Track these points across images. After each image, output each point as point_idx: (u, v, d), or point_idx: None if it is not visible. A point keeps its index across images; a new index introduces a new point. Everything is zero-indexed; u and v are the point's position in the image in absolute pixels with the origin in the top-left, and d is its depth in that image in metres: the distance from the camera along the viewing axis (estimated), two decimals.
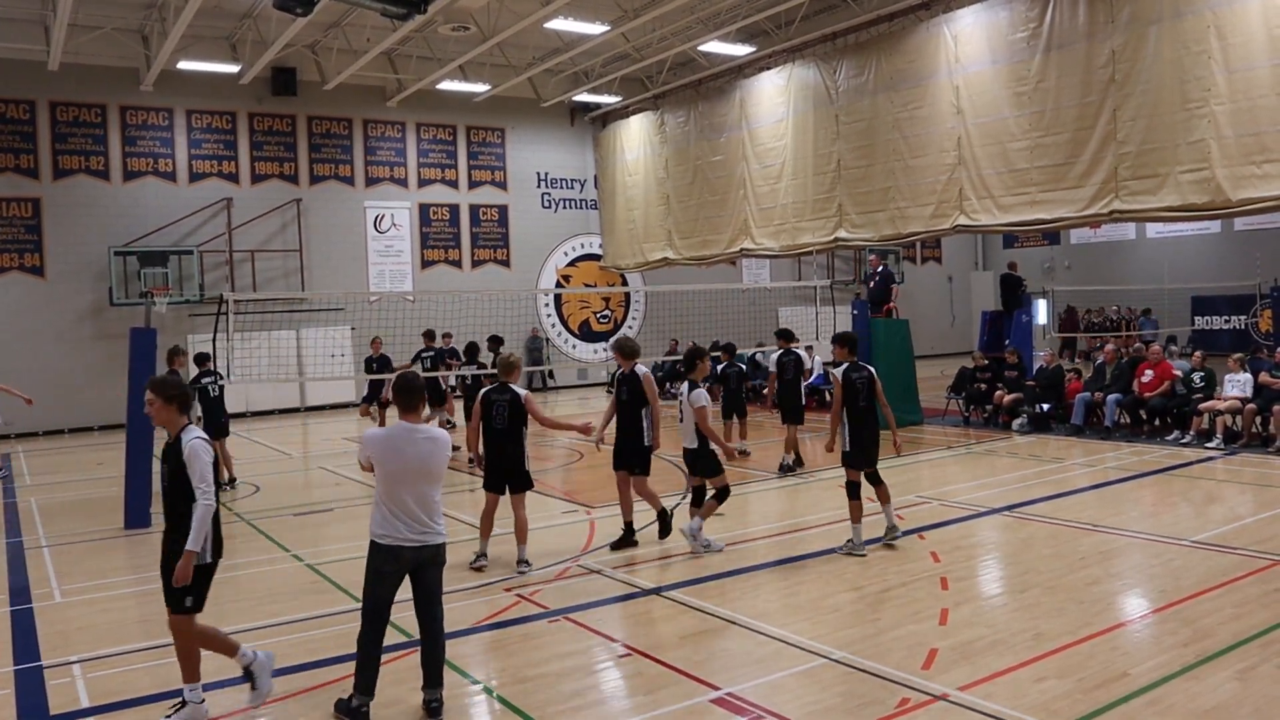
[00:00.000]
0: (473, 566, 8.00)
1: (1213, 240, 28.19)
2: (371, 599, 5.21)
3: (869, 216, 18.05)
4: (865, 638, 6.11)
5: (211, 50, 20.83)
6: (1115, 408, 14.21)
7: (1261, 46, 12.37)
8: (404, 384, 5.37)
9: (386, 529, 5.16)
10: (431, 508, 5.22)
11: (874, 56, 17.80)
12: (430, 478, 5.23)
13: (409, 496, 5.15)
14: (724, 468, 8.59)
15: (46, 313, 20.41)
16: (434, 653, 5.29)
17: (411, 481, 5.16)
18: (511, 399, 7.95)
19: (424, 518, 5.18)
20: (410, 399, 5.34)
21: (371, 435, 5.40)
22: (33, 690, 5.83)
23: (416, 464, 5.18)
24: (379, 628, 5.21)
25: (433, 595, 5.31)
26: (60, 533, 10.46)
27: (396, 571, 5.20)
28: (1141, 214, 14.53)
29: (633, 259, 25.37)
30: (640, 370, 8.76)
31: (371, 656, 5.19)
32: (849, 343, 8.62)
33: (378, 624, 5.20)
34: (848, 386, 8.27)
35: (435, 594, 5.32)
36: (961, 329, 32.35)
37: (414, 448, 5.20)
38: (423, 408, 5.42)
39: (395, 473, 5.17)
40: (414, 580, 5.26)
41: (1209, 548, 7.94)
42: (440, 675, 5.29)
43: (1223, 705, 4.93)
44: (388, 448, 5.22)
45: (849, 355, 8.51)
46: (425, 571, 5.26)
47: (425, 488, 5.20)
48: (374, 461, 5.25)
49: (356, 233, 23.81)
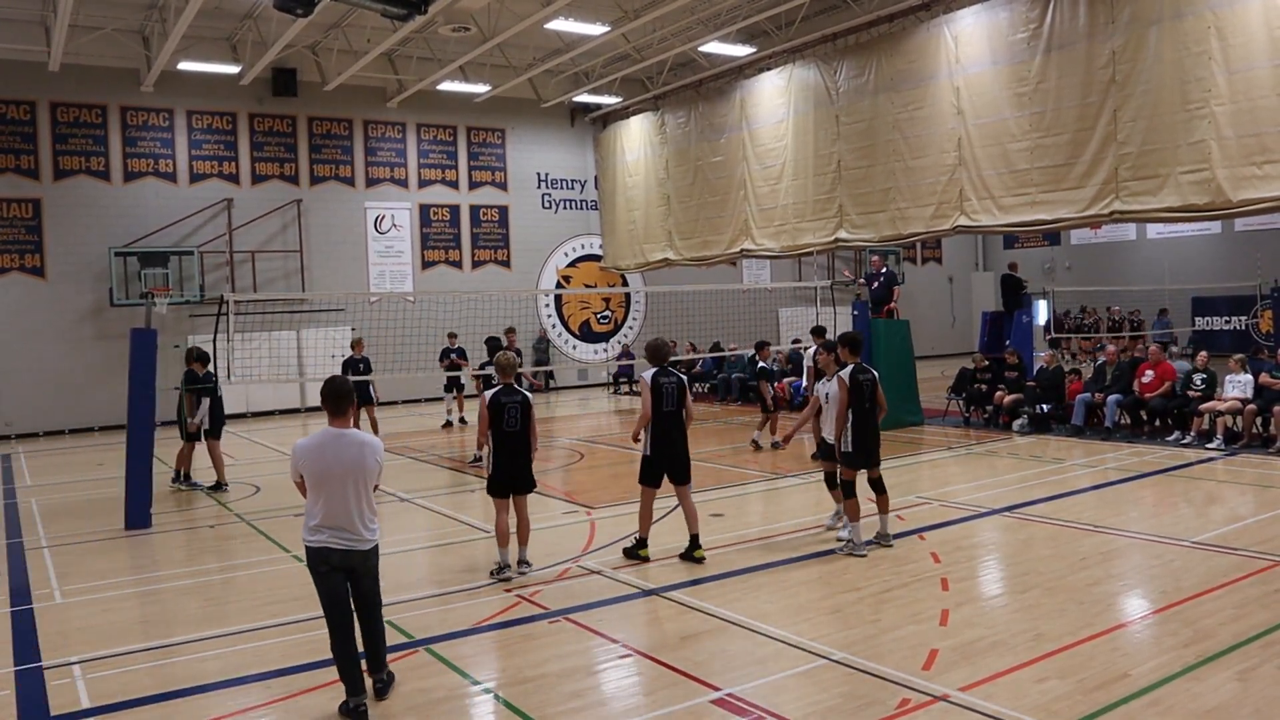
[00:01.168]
0: (499, 578, 7.73)
1: (1213, 241, 28.18)
2: (323, 601, 5.28)
3: (869, 217, 18.05)
4: (866, 638, 6.10)
5: (212, 51, 20.84)
6: (1116, 408, 14.21)
7: (1262, 47, 12.37)
8: (331, 389, 5.36)
9: (313, 534, 5.25)
10: (361, 512, 5.25)
11: (874, 57, 17.80)
12: (358, 482, 5.25)
13: (340, 500, 5.20)
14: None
15: (47, 313, 20.41)
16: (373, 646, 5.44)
17: (340, 485, 5.20)
18: (523, 401, 7.79)
19: (354, 522, 5.23)
20: (338, 404, 5.34)
21: (300, 445, 5.35)
22: (33, 691, 5.83)
23: (342, 469, 5.20)
24: (341, 625, 5.23)
25: (368, 603, 5.37)
26: (60, 533, 10.46)
27: (330, 570, 5.24)
28: (1142, 214, 14.52)
29: (633, 260, 25.38)
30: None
31: (346, 655, 5.23)
32: (853, 344, 8.57)
33: (340, 623, 5.22)
34: (854, 388, 8.26)
35: (371, 602, 5.39)
36: (962, 329, 32.34)
37: (342, 453, 5.23)
38: (352, 412, 5.43)
39: (322, 478, 5.21)
40: (352, 586, 5.32)
41: (1209, 548, 7.93)
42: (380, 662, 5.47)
43: (1223, 706, 4.93)
44: (315, 454, 5.25)
45: (853, 356, 8.47)
46: (360, 581, 5.31)
47: (353, 492, 5.23)
48: (302, 470, 5.27)
49: (357, 233, 23.81)
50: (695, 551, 8.07)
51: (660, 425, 8.06)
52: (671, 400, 8.06)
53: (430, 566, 8.55)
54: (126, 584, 8.38)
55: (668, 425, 8.08)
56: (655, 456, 8.08)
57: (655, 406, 8.01)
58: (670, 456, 8.10)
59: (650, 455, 8.09)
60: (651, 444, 8.09)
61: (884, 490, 8.46)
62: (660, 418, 8.05)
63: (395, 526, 10.57)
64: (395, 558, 9.02)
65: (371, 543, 5.34)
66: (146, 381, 10.69)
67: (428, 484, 12.97)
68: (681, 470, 8.16)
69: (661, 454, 8.07)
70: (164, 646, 6.56)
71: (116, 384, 13.55)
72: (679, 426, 8.16)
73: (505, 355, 8.09)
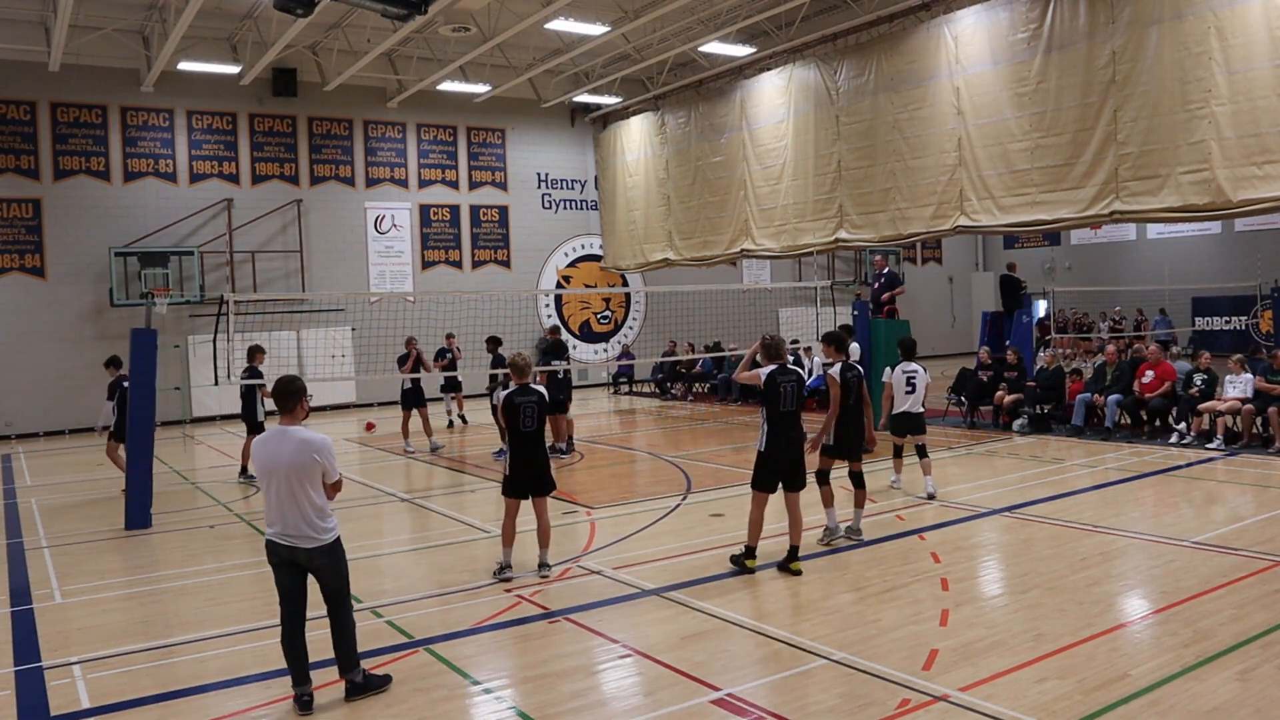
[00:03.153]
0: (500, 578, 7.72)
1: (1213, 241, 28.19)
2: (278, 593, 5.41)
3: (869, 217, 18.05)
4: (866, 638, 6.10)
5: (212, 51, 20.84)
6: (1116, 408, 14.21)
7: (1262, 47, 12.37)
8: (279, 386, 5.47)
9: (267, 526, 5.40)
10: (303, 509, 5.29)
11: (874, 57, 17.80)
12: (300, 479, 5.28)
13: (278, 496, 5.29)
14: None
15: (47, 313, 20.41)
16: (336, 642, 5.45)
17: (281, 482, 5.27)
18: (539, 399, 7.70)
19: (294, 519, 5.28)
20: (286, 401, 5.45)
21: (254, 441, 5.53)
22: (33, 691, 5.83)
23: (284, 464, 5.27)
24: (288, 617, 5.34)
25: (329, 594, 5.42)
26: (61, 533, 10.46)
27: (280, 564, 5.36)
28: (1142, 215, 14.52)
29: (633, 260, 25.38)
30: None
31: (290, 648, 5.33)
32: (836, 342, 8.83)
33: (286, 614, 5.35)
34: (843, 384, 8.52)
35: (332, 594, 5.43)
36: (962, 329, 32.35)
37: (282, 449, 5.30)
38: (300, 410, 5.48)
39: (266, 472, 5.32)
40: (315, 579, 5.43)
41: (1210, 549, 7.93)
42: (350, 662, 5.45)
43: (1223, 706, 4.93)
44: (260, 450, 5.39)
45: (838, 354, 8.72)
46: (318, 576, 5.40)
47: (295, 488, 5.27)
48: (254, 464, 5.43)
49: (357, 233, 23.81)
50: (791, 564, 7.65)
51: (778, 426, 7.64)
52: (790, 401, 7.64)
53: (430, 566, 8.55)
54: (127, 584, 8.38)
55: (785, 426, 7.66)
56: (770, 458, 7.64)
57: (772, 407, 7.63)
58: (788, 461, 7.66)
59: (765, 454, 7.66)
60: (767, 444, 7.66)
61: (863, 485, 8.82)
62: (778, 419, 7.64)
63: (395, 527, 10.57)
64: (396, 558, 9.03)
65: (319, 540, 5.34)
66: (147, 382, 10.70)
67: (428, 484, 12.98)
68: (795, 476, 7.71)
69: (778, 457, 7.64)
70: (164, 646, 6.57)
71: None
72: (798, 428, 7.76)
73: (520, 355, 7.98)
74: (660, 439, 16.43)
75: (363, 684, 5.47)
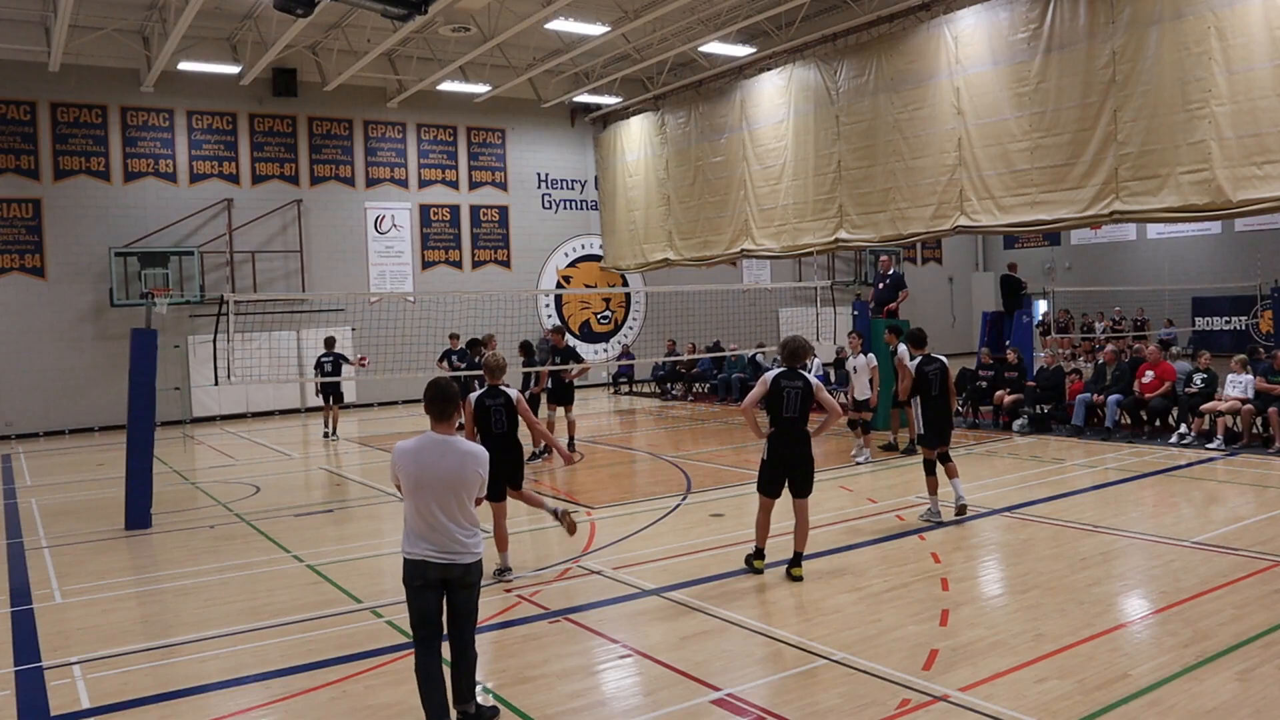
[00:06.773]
0: (502, 580, 7.71)
1: (1213, 241, 28.18)
2: (413, 618, 4.88)
3: (870, 217, 18.05)
4: (866, 638, 6.10)
5: (212, 51, 20.84)
6: (1116, 408, 14.20)
7: (1262, 47, 12.37)
8: (437, 393, 4.92)
9: (410, 544, 4.87)
10: (459, 524, 4.85)
11: (874, 57, 17.80)
12: (458, 492, 4.84)
13: (430, 511, 4.81)
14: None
15: (47, 313, 20.41)
16: (459, 669, 5.01)
17: (437, 495, 4.81)
18: (505, 402, 7.74)
19: (445, 535, 4.82)
20: (441, 409, 4.91)
21: (399, 447, 4.93)
22: (33, 691, 5.83)
23: (443, 477, 4.81)
24: (428, 646, 4.85)
25: (462, 618, 4.95)
26: (61, 533, 10.46)
27: (424, 586, 4.83)
28: (1142, 215, 14.51)
29: (633, 260, 25.38)
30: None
31: (428, 676, 4.83)
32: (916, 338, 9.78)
33: (426, 643, 4.85)
34: (920, 377, 9.38)
35: (466, 616, 4.95)
36: (962, 329, 32.34)
37: (445, 461, 4.83)
38: (456, 417, 4.97)
39: (417, 485, 4.82)
40: (448, 599, 4.93)
41: (1210, 549, 7.93)
42: (468, 691, 5.03)
43: (1223, 706, 4.93)
44: (413, 460, 4.85)
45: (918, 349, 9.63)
46: (455, 593, 4.90)
47: (452, 502, 4.83)
48: (399, 474, 4.88)
49: (357, 233, 23.81)
50: (793, 569, 7.56)
51: (781, 432, 7.55)
52: (793, 407, 7.47)
53: None
54: (126, 584, 8.38)
55: (788, 431, 7.54)
56: (772, 463, 7.58)
57: (774, 412, 7.53)
58: (791, 465, 7.55)
59: (767, 459, 7.61)
60: (769, 449, 7.60)
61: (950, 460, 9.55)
62: (781, 424, 7.53)
63: (396, 527, 10.56)
64: (396, 558, 9.01)
65: (475, 556, 4.90)
66: (147, 382, 10.69)
67: None
68: (802, 482, 7.60)
69: (780, 462, 7.55)
70: (164, 646, 6.56)
71: (117, 384, 13.56)
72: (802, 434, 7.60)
73: (494, 356, 7.89)
74: (660, 439, 16.43)
75: (475, 715, 5.04)
